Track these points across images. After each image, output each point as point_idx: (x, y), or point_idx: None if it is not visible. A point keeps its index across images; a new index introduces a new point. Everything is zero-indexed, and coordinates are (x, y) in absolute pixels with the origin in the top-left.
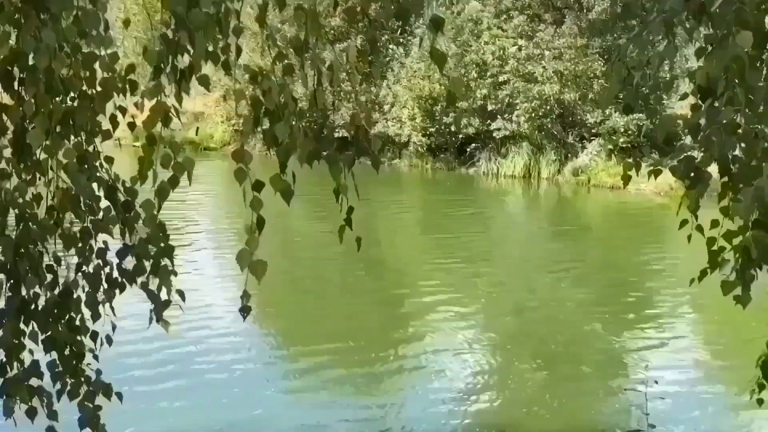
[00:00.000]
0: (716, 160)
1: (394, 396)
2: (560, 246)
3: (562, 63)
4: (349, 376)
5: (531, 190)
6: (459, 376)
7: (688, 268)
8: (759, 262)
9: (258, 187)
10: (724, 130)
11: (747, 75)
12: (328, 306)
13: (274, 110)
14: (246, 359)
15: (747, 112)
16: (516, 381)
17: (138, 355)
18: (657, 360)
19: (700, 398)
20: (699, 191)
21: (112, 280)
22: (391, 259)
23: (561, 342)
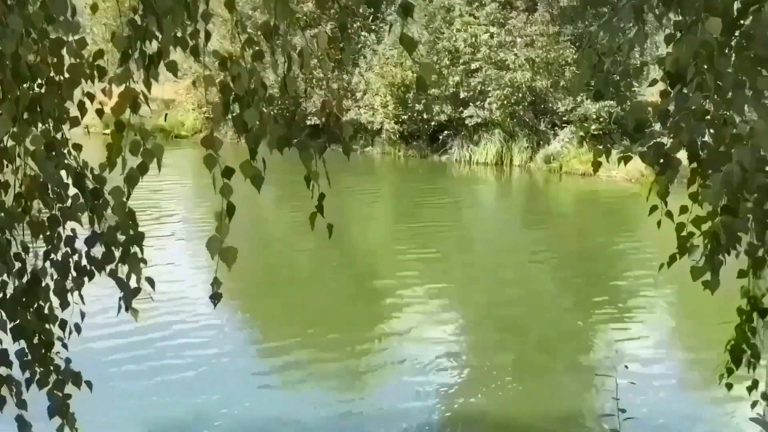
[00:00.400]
0: (685, 146)
1: (368, 387)
2: (533, 234)
3: (534, 50)
4: (323, 368)
5: (503, 177)
6: (433, 365)
7: (660, 255)
8: (727, 247)
9: (228, 173)
10: (692, 116)
11: (716, 61)
12: (302, 296)
13: (244, 96)
14: (219, 351)
15: (716, 99)
16: (491, 369)
17: (110, 345)
18: (628, 345)
19: (671, 383)
20: (668, 177)
21: (80, 268)
22: (365, 248)
23: (534, 328)
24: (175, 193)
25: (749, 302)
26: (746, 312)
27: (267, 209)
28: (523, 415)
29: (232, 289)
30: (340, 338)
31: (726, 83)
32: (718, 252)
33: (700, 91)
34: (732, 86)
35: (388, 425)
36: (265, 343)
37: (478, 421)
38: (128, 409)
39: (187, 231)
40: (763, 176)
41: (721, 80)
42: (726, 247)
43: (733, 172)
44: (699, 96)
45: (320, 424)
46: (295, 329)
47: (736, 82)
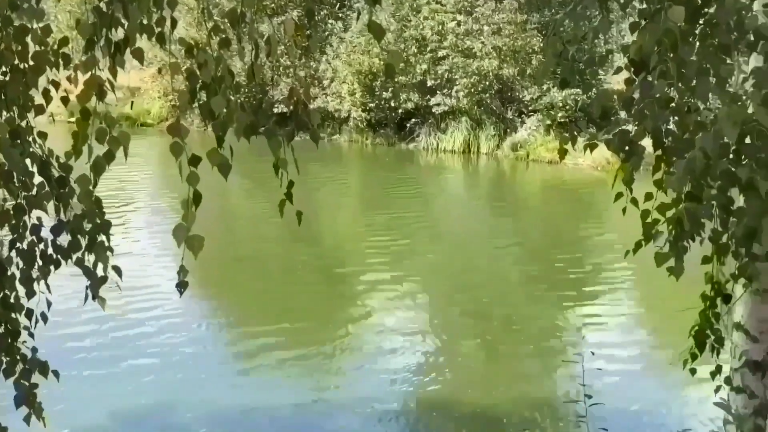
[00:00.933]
0: (649, 134)
1: (339, 375)
2: (500, 221)
3: (501, 38)
4: (293, 357)
5: (471, 165)
6: (403, 353)
7: (626, 241)
8: (691, 233)
9: (194, 161)
10: (656, 104)
11: (679, 49)
12: (271, 285)
13: (210, 84)
14: (190, 340)
15: (680, 86)
16: (459, 356)
17: (79, 335)
18: (595, 331)
19: (637, 368)
20: (633, 164)
21: (46, 256)
22: (333, 237)
23: (502, 316)
24: (141, 182)
25: (713, 288)
26: (710, 298)
27: (235, 199)
28: (492, 401)
29: (201, 278)
30: (308, 325)
31: (690, 71)
32: (682, 238)
33: (664, 79)
34: (696, 74)
35: (357, 411)
36: (235, 332)
37: (446, 407)
38: (97, 400)
39: (152, 220)
40: (726, 163)
41: (684, 68)
42: (690, 234)
43: (696, 158)
44: (663, 83)
45: (289, 411)
46: (264, 318)
47: (700, 69)
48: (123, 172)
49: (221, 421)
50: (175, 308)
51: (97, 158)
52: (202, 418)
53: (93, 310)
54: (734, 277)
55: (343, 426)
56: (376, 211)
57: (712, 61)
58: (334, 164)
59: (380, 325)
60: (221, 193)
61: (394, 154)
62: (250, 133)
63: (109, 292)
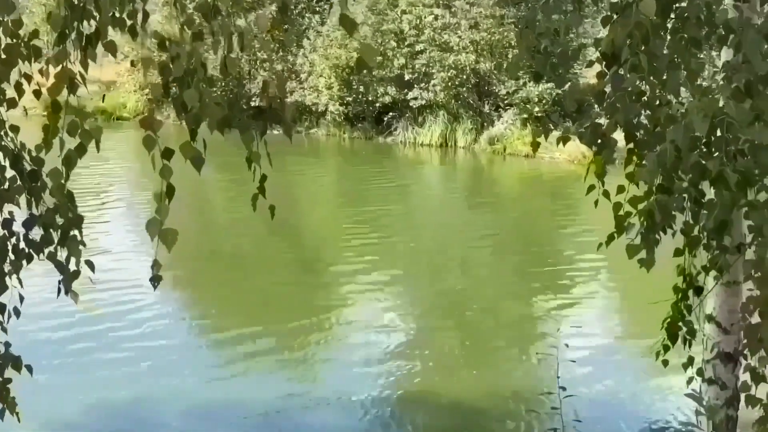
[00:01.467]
0: (621, 127)
1: (314, 367)
2: (478, 215)
3: (478, 32)
4: (268, 349)
5: (448, 158)
6: (380, 345)
7: (602, 234)
8: (662, 225)
9: (167, 154)
10: (628, 97)
11: (651, 43)
12: (247, 278)
13: (183, 77)
14: (165, 334)
15: (651, 80)
16: (436, 348)
17: (54, 329)
18: (571, 323)
19: (613, 361)
20: (604, 156)
21: (18, 251)
22: (311, 231)
23: (479, 310)
24: (116, 176)
25: (685, 280)
26: (682, 290)
27: (212, 194)
28: (468, 393)
29: (178, 275)
30: (284, 319)
31: (661, 64)
32: (653, 230)
33: (636, 72)
34: (667, 67)
35: (332, 403)
36: (209, 326)
37: (422, 399)
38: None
39: (128, 214)
40: (697, 155)
41: (655, 61)
42: (661, 226)
43: (667, 151)
44: (634, 77)
45: (264, 404)
46: (240, 311)
47: (671, 63)
48: (98, 167)
49: (194, 415)
50: (149, 303)
51: (69, 151)
52: (175, 412)
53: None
54: (705, 269)
55: (318, 419)
56: (353, 205)
57: (683, 54)
58: (311, 158)
59: (356, 318)
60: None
61: (371, 147)
62: (223, 126)
63: (84, 286)
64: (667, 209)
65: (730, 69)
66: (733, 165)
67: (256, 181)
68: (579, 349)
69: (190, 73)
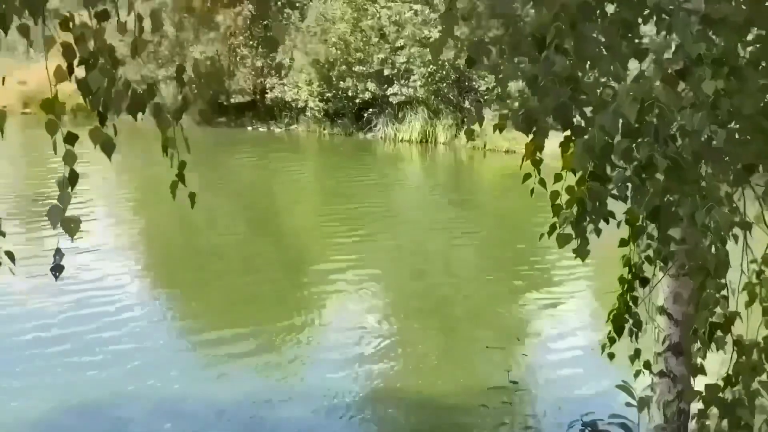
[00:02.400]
0: (552, 112)
1: (290, 366)
2: (458, 212)
3: (459, 28)
4: (245, 348)
5: (428, 155)
6: (355, 343)
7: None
8: (593, 214)
9: (71, 139)
10: (558, 81)
11: (581, 26)
12: (226, 276)
13: (89, 58)
14: (143, 334)
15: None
16: (412, 346)
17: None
18: (548, 320)
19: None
20: (535, 141)
21: None
22: (291, 228)
23: (456, 306)
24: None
25: (630, 271)
26: (627, 281)
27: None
28: (442, 390)
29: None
30: (262, 317)
31: (591, 47)
32: (584, 218)
33: (565, 56)
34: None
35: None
36: (190, 322)
37: (396, 396)
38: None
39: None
40: (628, 141)
41: (586, 45)
42: (592, 214)
43: (596, 137)
44: (564, 60)
45: (240, 403)
46: (218, 310)
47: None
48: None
49: (170, 414)
50: (128, 303)
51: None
52: (151, 410)
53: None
54: (649, 259)
55: (293, 416)
56: (333, 202)
57: (614, 38)
58: (292, 154)
59: (333, 315)
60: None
61: (352, 144)
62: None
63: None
64: (600, 197)
65: (661, 52)
66: (664, 151)
67: (175, 168)
68: (556, 344)
69: (94, 54)
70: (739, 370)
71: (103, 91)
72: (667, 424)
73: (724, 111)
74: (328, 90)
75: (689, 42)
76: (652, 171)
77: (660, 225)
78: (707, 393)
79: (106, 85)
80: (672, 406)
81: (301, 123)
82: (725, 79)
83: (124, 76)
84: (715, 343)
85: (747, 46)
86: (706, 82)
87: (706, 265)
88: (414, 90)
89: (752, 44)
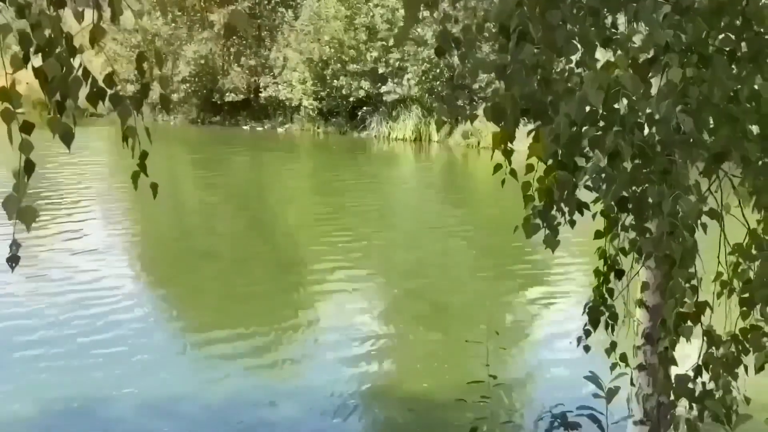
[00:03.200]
0: (520, 100)
1: (283, 364)
2: (452, 210)
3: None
4: (237, 346)
5: (422, 153)
6: (349, 342)
7: (578, 230)
8: (563, 204)
9: (27, 128)
10: (524, 69)
11: (547, 14)
12: (219, 274)
13: (45, 46)
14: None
15: (548, 51)
16: (407, 343)
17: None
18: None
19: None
20: (504, 130)
21: None
22: (284, 227)
23: (450, 304)
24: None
25: (606, 263)
26: (603, 273)
27: (185, 191)
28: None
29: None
30: (255, 315)
31: (559, 35)
32: (551, 208)
33: (530, 43)
34: (564, 39)
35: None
36: (183, 319)
37: (392, 393)
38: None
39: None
40: (594, 130)
41: (551, 32)
42: (562, 203)
43: (561, 125)
44: (530, 48)
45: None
46: (210, 309)
47: (569, 33)
48: (72, 164)
49: (157, 413)
50: (121, 300)
51: None
52: (138, 409)
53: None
54: (623, 251)
55: (286, 416)
56: (327, 202)
57: (581, 24)
58: (285, 153)
59: (325, 315)
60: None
61: (346, 142)
62: (96, 100)
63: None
64: (567, 186)
65: (626, 40)
66: (631, 139)
67: (136, 158)
68: (549, 341)
69: (51, 41)
70: (708, 360)
71: (60, 79)
72: (647, 418)
73: (694, 99)
74: (322, 89)
75: (656, 28)
76: (619, 159)
77: (635, 216)
78: (677, 384)
79: (63, 73)
80: (651, 399)
81: (295, 122)
82: (695, 68)
83: (82, 64)
84: (682, 334)
85: (718, 34)
86: (674, 70)
87: (672, 254)
88: (408, 88)
89: (723, 32)
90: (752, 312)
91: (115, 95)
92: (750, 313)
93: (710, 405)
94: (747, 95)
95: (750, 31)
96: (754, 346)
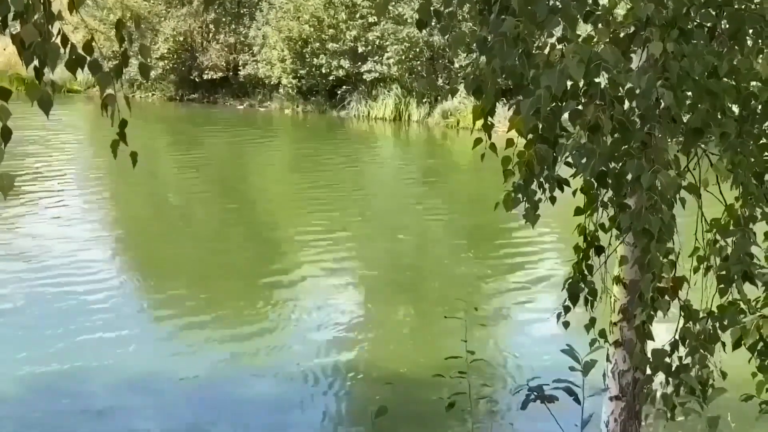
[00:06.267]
0: (500, 73)
1: (259, 340)
2: (430, 190)
3: None
4: (211, 320)
5: (402, 132)
6: (326, 318)
7: (551, 210)
8: (543, 179)
9: (3, 95)
10: (505, 42)
11: None
12: (195, 249)
13: (23, 12)
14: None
15: (530, 25)
16: (383, 319)
17: None
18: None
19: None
20: (483, 103)
21: None
22: (262, 205)
23: (427, 281)
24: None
25: (585, 240)
26: (582, 250)
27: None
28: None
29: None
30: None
31: (540, 7)
32: (530, 181)
33: (512, 16)
34: (546, 12)
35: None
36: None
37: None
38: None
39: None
40: (575, 104)
41: (532, 5)
42: (542, 179)
43: (542, 97)
44: (511, 21)
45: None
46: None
47: (551, 8)
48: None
49: (130, 387)
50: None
51: None
52: (111, 385)
53: None
54: (603, 227)
55: (262, 391)
56: (305, 180)
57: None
58: (264, 131)
59: (303, 290)
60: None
61: (325, 121)
62: (75, 67)
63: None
64: (546, 160)
65: (607, 12)
66: (611, 113)
67: (115, 126)
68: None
69: (28, 7)
70: (685, 334)
71: (38, 45)
72: (623, 394)
73: (674, 73)
74: (302, 67)
75: (638, 3)
76: (599, 134)
77: (614, 191)
78: (654, 358)
79: (41, 39)
80: (627, 375)
81: (274, 100)
82: (675, 42)
83: (61, 31)
84: (659, 308)
85: (699, 9)
86: (654, 43)
87: (649, 228)
88: (388, 67)
89: (704, 7)
90: (729, 290)
91: (94, 62)
92: (728, 290)
93: (686, 378)
94: (726, 71)
95: (730, 6)
96: (731, 322)
